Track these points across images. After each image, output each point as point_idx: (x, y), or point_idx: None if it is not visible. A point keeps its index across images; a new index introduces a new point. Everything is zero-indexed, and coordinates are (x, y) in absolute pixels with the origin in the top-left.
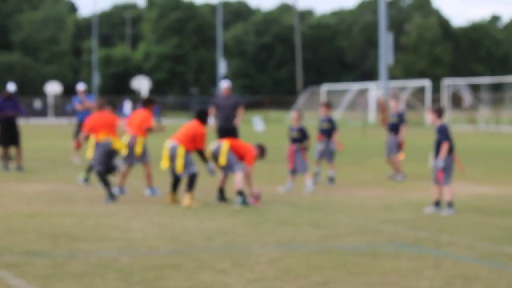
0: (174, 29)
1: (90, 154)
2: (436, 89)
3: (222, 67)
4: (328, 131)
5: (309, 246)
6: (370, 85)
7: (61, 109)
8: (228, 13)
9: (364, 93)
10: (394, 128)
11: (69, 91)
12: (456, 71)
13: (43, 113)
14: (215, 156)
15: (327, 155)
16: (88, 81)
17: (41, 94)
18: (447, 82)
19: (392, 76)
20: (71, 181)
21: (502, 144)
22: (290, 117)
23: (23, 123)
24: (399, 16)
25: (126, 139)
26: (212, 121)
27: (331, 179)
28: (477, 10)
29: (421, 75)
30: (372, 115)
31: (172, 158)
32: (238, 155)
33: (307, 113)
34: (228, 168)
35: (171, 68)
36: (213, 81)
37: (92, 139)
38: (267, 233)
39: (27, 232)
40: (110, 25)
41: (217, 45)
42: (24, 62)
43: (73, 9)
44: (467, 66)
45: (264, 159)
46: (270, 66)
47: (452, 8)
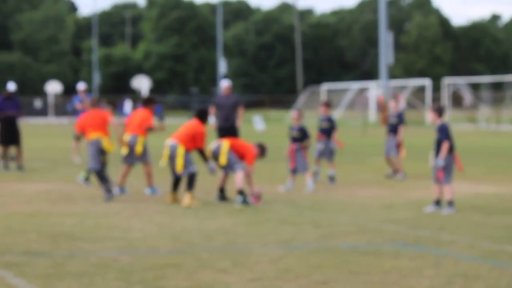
0: (174, 29)
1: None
2: (436, 88)
3: (222, 67)
4: (328, 131)
5: (310, 246)
6: (370, 85)
7: (62, 109)
8: (228, 13)
9: (364, 92)
10: (394, 129)
11: (70, 91)
12: (456, 70)
13: (44, 113)
14: (216, 156)
15: (327, 154)
16: (88, 81)
17: (42, 94)
18: (447, 81)
19: (392, 76)
20: (72, 181)
21: (503, 143)
22: (290, 117)
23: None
24: (399, 15)
25: (127, 138)
26: (213, 121)
27: (332, 178)
28: (477, 9)
29: (421, 74)
30: (372, 114)
31: (172, 158)
32: (239, 155)
33: (307, 112)
34: (229, 168)
35: (171, 68)
36: (213, 81)
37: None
38: (268, 233)
39: (27, 232)
40: (110, 25)
41: (217, 45)
42: (24, 62)
43: (73, 9)
44: (467, 65)
45: (265, 159)
46: (270, 66)
47: (452, 7)
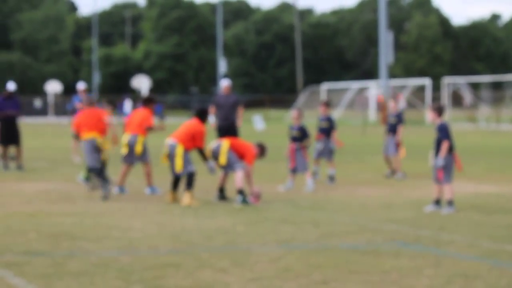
0: (174, 28)
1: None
2: (436, 88)
3: (222, 66)
4: (327, 130)
5: (309, 245)
6: (370, 84)
7: (62, 108)
8: (228, 12)
9: (363, 92)
10: (393, 128)
11: (69, 90)
12: (456, 70)
13: (44, 112)
14: (215, 155)
15: (326, 154)
16: (88, 80)
17: (41, 93)
18: (447, 81)
19: (392, 75)
20: (72, 180)
21: (502, 142)
22: (290, 116)
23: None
24: (399, 15)
25: (126, 138)
26: (212, 120)
27: (331, 178)
28: (477, 9)
29: (421, 74)
30: (372, 114)
31: (171, 157)
32: (238, 154)
33: (307, 112)
34: (229, 167)
35: (171, 67)
36: (213, 80)
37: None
38: (267, 232)
39: (27, 232)
40: (110, 24)
41: (217, 44)
42: (24, 61)
43: (73, 8)
44: (467, 65)
45: (264, 158)
46: (270, 65)
47: (452, 7)
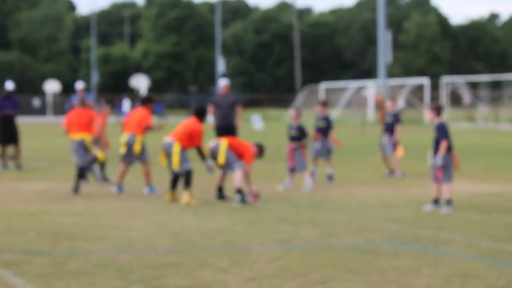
0: (173, 28)
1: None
2: (435, 87)
3: (221, 65)
4: (325, 130)
5: (308, 244)
6: (369, 83)
7: (60, 108)
8: (227, 11)
9: (360, 92)
10: (389, 128)
11: (68, 90)
12: (455, 69)
13: (42, 112)
14: (214, 155)
15: (324, 153)
16: (87, 80)
17: (40, 93)
18: (446, 80)
19: (391, 74)
20: (71, 180)
21: (501, 142)
22: (289, 115)
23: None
24: (398, 14)
25: (125, 137)
26: (211, 120)
27: (330, 177)
28: (476, 8)
29: (420, 73)
30: (371, 113)
31: (168, 155)
32: (237, 154)
33: (306, 111)
34: (227, 167)
35: (170, 66)
36: (212, 79)
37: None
38: (266, 231)
39: (27, 231)
40: (109, 24)
41: (216, 43)
42: (23, 61)
43: (72, 8)
44: (466, 64)
45: (262, 158)
46: (269, 64)
47: (451, 6)
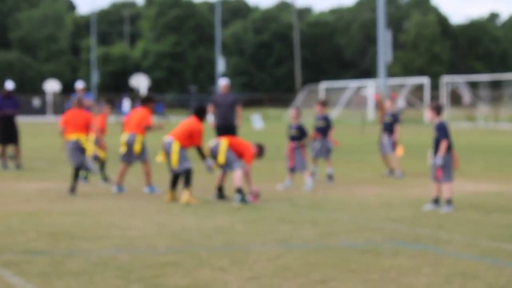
0: (173, 27)
1: (90, 151)
2: (435, 87)
3: (221, 65)
4: (324, 129)
5: (308, 244)
6: (369, 83)
7: (60, 107)
8: (227, 11)
9: (359, 91)
10: (388, 127)
11: (68, 89)
12: (455, 69)
13: (42, 111)
14: (214, 154)
15: (324, 153)
16: (87, 79)
17: (40, 92)
18: (446, 80)
19: (391, 74)
20: (70, 180)
21: (501, 141)
22: (289, 115)
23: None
24: (398, 14)
25: (125, 137)
26: (211, 119)
27: (330, 177)
28: (476, 8)
29: (420, 73)
30: (371, 113)
31: (168, 154)
32: (237, 153)
33: (306, 111)
34: (227, 166)
35: (170, 66)
36: (212, 79)
37: (91, 136)
38: (266, 231)
39: (27, 231)
40: (109, 23)
41: (216, 43)
42: (23, 61)
43: (72, 7)
44: (466, 64)
45: (262, 158)
46: (269, 64)
47: (451, 6)
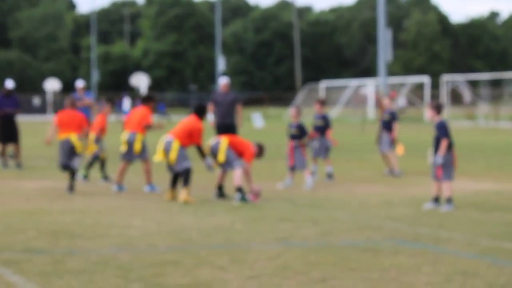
0: (173, 26)
1: (90, 151)
2: (435, 86)
3: (221, 64)
4: (322, 128)
5: (308, 243)
6: (369, 82)
7: (60, 106)
8: (227, 10)
9: (358, 90)
10: (387, 125)
11: (68, 88)
12: (455, 67)
13: (42, 110)
14: (214, 153)
15: (322, 152)
16: (87, 78)
17: (40, 91)
18: (446, 79)
19: (391, 73)
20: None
21: (501, 140)
22: (289, 114)
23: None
24: (398, 13)
25: (125, 136)
26: (211, 118)
27: (330, 175)
28: (476, 6)
29: (420, 72)
30: (371, 112)
31: (167, 153)
32: (237, 152)
33: (306, 110)
34: (227, 165)
35: (170, 65)
36: (212, 78)
37: (92, 136)
38: (266, 230)
39: (27, 229)
40: (109, 22)
41: (216, 42)
42: (23, 59)
43: (72, 6)
44: (466, 62)
45: (262, 158)
46: (269, 63)
47: (451, 4)
